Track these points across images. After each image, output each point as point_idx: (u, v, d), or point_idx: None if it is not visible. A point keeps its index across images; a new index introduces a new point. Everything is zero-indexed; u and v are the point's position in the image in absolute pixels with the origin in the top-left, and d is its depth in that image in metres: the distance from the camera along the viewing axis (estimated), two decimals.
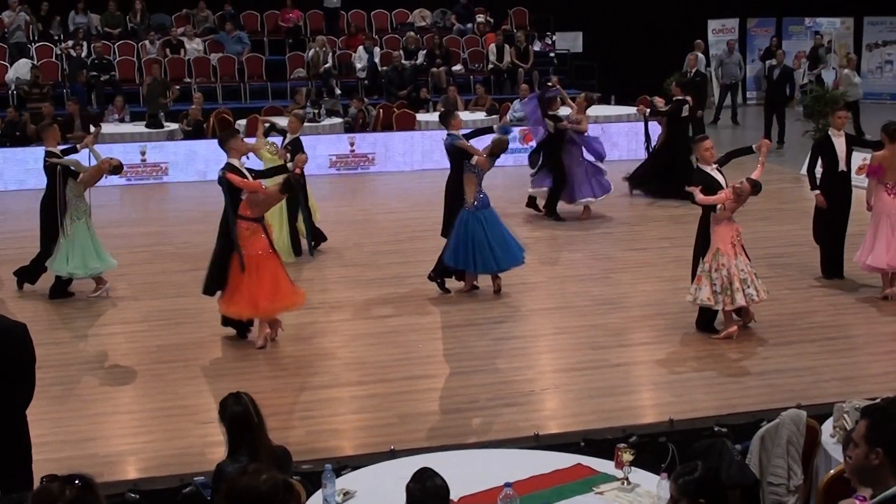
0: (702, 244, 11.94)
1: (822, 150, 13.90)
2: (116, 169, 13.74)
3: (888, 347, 11.53)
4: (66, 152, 13.85)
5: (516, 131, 19.27)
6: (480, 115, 23.77)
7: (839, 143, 13.70)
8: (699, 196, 11.62)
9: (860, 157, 15.33)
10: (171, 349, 11.74)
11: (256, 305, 11.57)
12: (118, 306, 13.42)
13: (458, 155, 13.36)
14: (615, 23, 29.82)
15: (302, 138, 15.67)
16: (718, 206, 11.51)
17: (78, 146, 14.26)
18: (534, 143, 18.75)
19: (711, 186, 11.64)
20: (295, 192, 12.32)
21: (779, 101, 25.06)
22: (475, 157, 13.16)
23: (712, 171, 11.82)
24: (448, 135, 13.61)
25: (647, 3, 30.24)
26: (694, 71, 22.89)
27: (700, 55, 26.24)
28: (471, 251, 13.26)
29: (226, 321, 12.00)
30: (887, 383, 10.16)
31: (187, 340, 12.01)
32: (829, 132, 14.01)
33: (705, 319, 11.93)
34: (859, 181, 14.36)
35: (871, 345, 11.64)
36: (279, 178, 12.15)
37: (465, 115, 23.33)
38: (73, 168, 13.37)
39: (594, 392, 10.35)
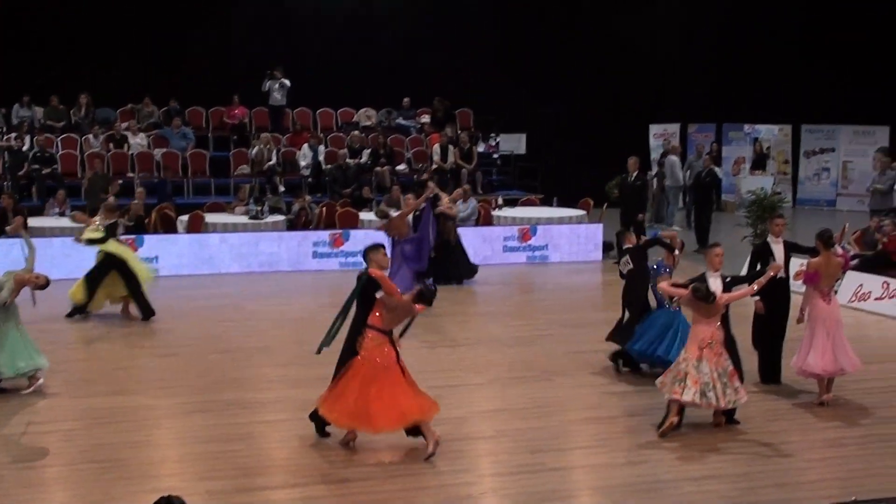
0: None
1: (761, 255, 14.04)
2: (41, 286, 13.53)
3: (824, 454, 11.57)
4: None
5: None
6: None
7: (777, 250, 13.86)
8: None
9: (798, 264, 15.50)
10: (106, 449, 11.54)
11: (356, 417, 11.13)
12: (52, 404, 13.20)
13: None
14: (559, 125, 30.19)
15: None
16: (674, 299, 11.78)
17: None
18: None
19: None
20: (429, 302, 11.51)
21: (703, 205, 25.41)
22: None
23: (712, 278, 12.28)
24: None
25: (590, 107, 30.63)
26: (635, 175, 23.13)
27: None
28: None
29: (314, 416, 11.74)
30: (823, 490, 10.20)
31: (122, 440, 11.82)
32: (768, 238, 14.17)
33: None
34: (798, 287, 14.51)
35: (807, 451, 11.66)
36: None
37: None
38: None
39: (532, 497, 10.27)
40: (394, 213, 18.98)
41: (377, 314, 11.25)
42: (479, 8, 30.96)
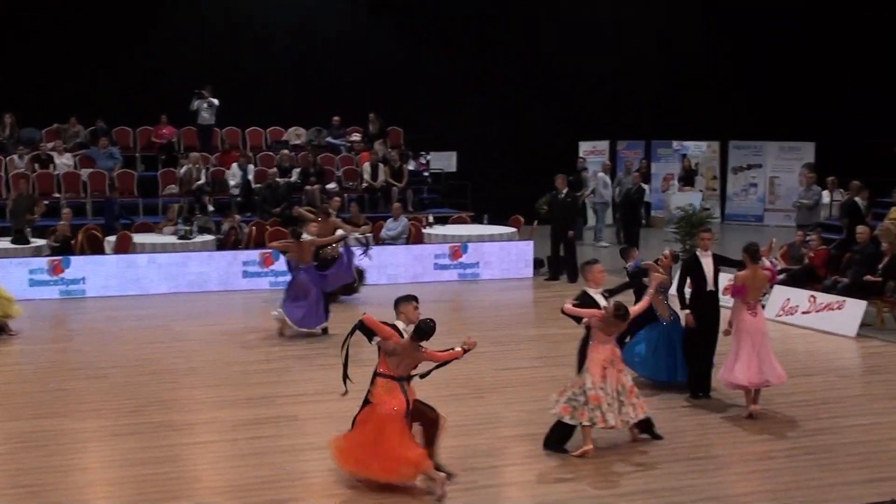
0: (580, 362, 12.19)
1: (690, 270, 14.13)
2: None
3: (753, 467, 11.65)
4: None
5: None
6: (354, 234, 23.72)
7: (706, 263, 13.98)
8: (566, 306, 11.86)
9: (727, 278, 15.63)
10: (33, 473, 11.35)
11: (360, 463, 10.89)
12: None
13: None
14: (489, 143, 30.27)
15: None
16: (583, 320, 11.74)
17: None
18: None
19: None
20: (427, 337, 11.20)
21: (631, 222, 25.60)
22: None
23: (596, 294, 12.25)
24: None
25: (520, 125, 30.76)
26: (565, 192, 23.21)
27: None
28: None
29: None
30: (754, 502, 10.25)
31: (49, 464, 11.63)
32: (697, 252, 14.27)
33: (556, 437, 12.02)
34: (726, 301, 14.61)
35: (737, 464, 11.74)
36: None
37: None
38: None
39: None
40: (306, 237, 18.74)
41: (383, 360, 11.03)
42: (409, 26, 30.96)
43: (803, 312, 18.66)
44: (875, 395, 14.46)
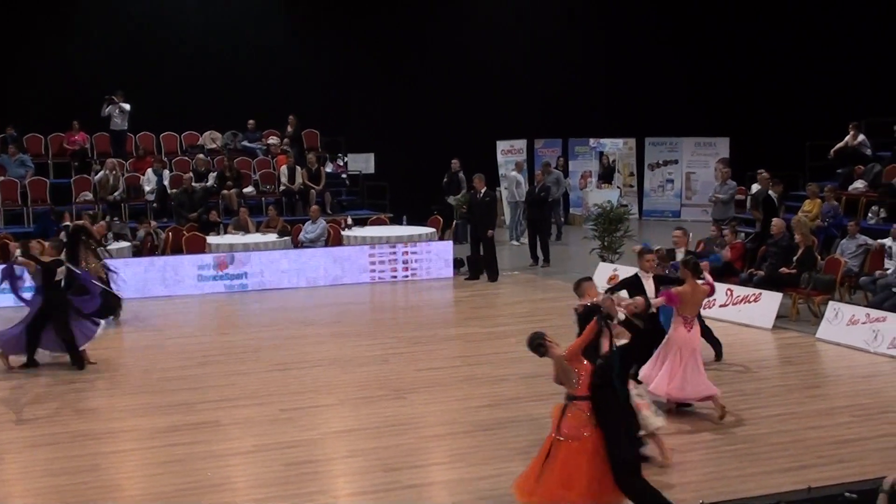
0: None
1: (632, 286, 13.78)
2: None
3: (674, 459, 11.66)
4: None
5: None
6: (272, 237, 23.63)
7: (648, 285, 13.70)
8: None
9: None
10: None
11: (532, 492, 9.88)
12: None
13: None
14: (407, 144, 30.24)
15: None
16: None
17: None
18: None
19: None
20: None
21: (539, 220, 25.66)
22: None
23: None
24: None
25: (437, 124, 30.75)
26: (483, 191, 23.23)
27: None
28: None
29: None
30: (675, 494, 10.31)
31: None
32: (638, 273, 14.00)
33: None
34: None
35: (658, 458, 11.78)
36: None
37: (255, 238, 23.36)
38: None
39: None
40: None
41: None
42: (324, 29, 30.85)
43: (721, 305, 18.82)
44: (791, 385, 14.64)
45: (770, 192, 23.01)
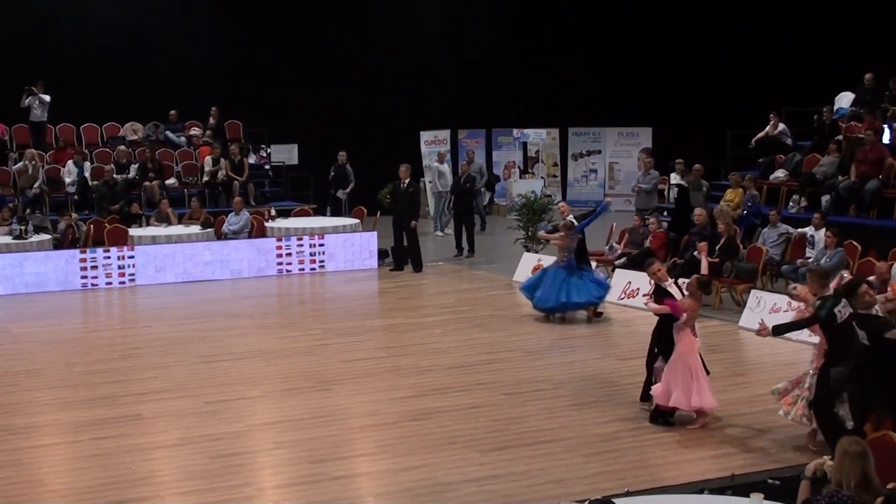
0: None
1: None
2: None
3: (599, 448, 11.79)
4: None
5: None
6: (195, 229, 23.46)
7: (674, 290, 13.35)
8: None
9: None
10: None
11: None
12: None
13: None
14: (330, 134, 30.12)
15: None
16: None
17: None
18: None
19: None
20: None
21: (465, 211, 25.70)
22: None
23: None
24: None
25: (361, 115, 30.69)
26: (407, 182, 23.22)
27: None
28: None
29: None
30: (598, 483, 10.42)
31: None
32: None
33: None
34: None
35: (584, 447, 11.86)
36: None
37: (178, 230, 23.21)
38: None
39: None
40: None
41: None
42: (247, 18, 30.69)
43: (644, 294, 18.97)
44: (715, 373, 14.72)
45: (682, 181, 23.29)
